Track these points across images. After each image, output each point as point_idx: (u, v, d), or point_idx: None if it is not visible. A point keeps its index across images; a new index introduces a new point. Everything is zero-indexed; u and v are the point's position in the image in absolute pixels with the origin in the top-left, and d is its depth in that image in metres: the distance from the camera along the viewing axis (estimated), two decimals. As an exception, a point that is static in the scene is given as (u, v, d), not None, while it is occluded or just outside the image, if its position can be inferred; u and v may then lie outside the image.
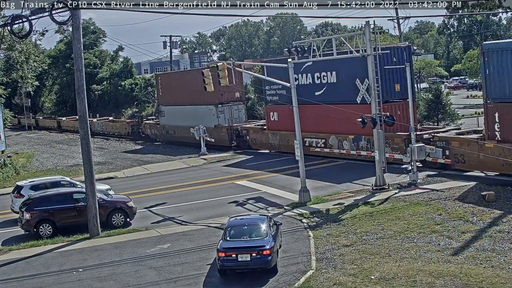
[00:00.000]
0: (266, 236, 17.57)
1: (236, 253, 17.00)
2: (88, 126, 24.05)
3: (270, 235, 17.63)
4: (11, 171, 41.21)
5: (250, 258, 16.91)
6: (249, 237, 17.68)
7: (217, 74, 28.46)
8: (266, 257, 16.89)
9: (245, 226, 18.23)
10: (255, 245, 17.18)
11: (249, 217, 20.21)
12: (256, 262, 16.91)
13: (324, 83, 35.29)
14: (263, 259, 16.88)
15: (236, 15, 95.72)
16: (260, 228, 17.97)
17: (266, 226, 18.00)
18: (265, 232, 17.73)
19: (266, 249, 16.97)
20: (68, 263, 20.22)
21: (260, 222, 18.42)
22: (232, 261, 17.05)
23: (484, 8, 41.14)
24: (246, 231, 17.96)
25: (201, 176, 35.70)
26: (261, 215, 20.52)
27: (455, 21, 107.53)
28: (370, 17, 63.55)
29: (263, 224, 18.12)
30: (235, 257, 16.99)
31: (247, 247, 17.13)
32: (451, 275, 16.00)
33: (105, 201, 24.98)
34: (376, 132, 26.52)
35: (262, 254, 16.90)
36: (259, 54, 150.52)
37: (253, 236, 17.69)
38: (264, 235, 17.60)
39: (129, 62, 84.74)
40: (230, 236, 17.82)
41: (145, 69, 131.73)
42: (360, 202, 24.94)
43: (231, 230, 18.03)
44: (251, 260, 16.91)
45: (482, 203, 22.62)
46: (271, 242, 17.29)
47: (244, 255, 16.94)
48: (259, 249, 16.98)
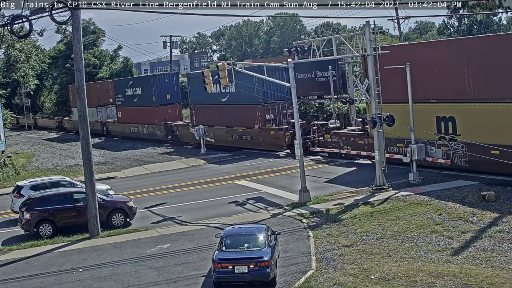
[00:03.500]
0: (265, 246, 16.73)
1: (233, 265, 16.15)
2: (88, 126, 24.05)
3: (268, 246, 16.81)
4: (11, 171, 41.23)
5: (247, 270, 16.08)
6: (246, 248, 16.79)
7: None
8: (264, 269, 16.09)
9: (242, 236, 17.35)
10: (253, 256, 16.32)
11: (246, 226, 19.40)
12: (254, 275, 16.06)
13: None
14: (261, 271, 16.08)
15: (236, 15, 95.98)
16: (258, 238, 17.07)
17: (264, 236, 17.11)
18: (264, 243, 16.87)
19: (265, 260, 16.14)
20: (68, 263, 20.22)
21: (258, 231, 17.49)
22: (228, 273, 16.17)
23: (484, 8, 41.08)
24: (244, 241, 17.06)
25: (201, 176, 35.73)
26: (259, 224, 19.64)
27: (455, 21, 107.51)
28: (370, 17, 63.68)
29: (261, 234, 17.22)
30: (231, 269, 16.15)
31: (245, 258, 16.27)
32: (451, 275, 16.00)
33: (105, 201, 24.98)
34: (376, 132, 26.54)
35: (260, 265, 16.08)
36: (259, 54, 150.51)
37: (251, 247, 16.81)
38: (263, 246, 16.76)
39: (129, 62, 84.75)
40: (226, 246, 16.91)
41: (145, 69, 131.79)
42: (360, 202, 24.95)
43: (227, 240, 17.13)
44: (249, 272, 16.07)
45: (482, 203, 22.61)
46: (269, 253, 16.47)
47: (241, 266, 16.10)
48: (257, 261, 16.14)
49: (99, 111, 62.43)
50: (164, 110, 50.98)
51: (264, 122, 40.22)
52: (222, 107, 44.01)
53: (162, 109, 50.89)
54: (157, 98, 50.79)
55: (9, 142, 58.52)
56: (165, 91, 51.24)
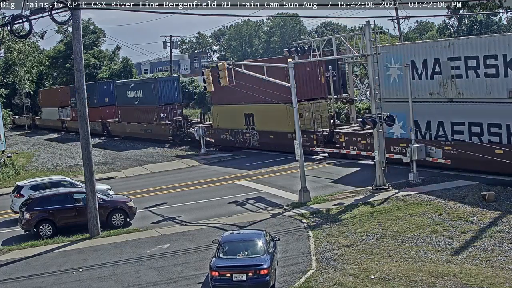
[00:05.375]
0: (264, 253, 16.27)
1: (231, 272, 15.72)
2: (88, 126, 24.05)
3: (267, 253, 16.37)
4: (11, 171, 41.24)
5: (246, 278, 15.64)
6: (245, 255, 16.34)
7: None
8: (263, 277, 15.64)
9: (240, 242, 16.87)
10: (251, 263, 15.85)
11: (245, 232, 19.16)
12: (253, 283, 15.66)
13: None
14: (260, 279, 15.63)
15: (236, 15, 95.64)
16: (257, 245, 16.60)
17: (263, 243, 16.67)
18: (263, 249, 16.41)
19: (264, 268, 15.70)
20: (68, 263, 20.22)
21: (257, 237, 17.01)
22: (226, 281, 15.77)
23: (484, 8, 41.07)
24: (242, 247, 16.59)
25: (201, 176, 35.73)
26: (258, 230, 18.92)
27: (456, 21, 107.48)
28: (370, 17, 63.67)
29: (260, 240, 16.76)
30: (229, 277, 15.71)
31: (243, 266, 15.85)
32: (451, 275, 16.00)
33: (105, 201, 24.98)
34: (376, 132, 26.54)
35: (259, 273, 15.63)
36: (259, 54, 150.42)
37: (250, 254, 16.34)
38: (262, 253, 16.30)
39: (129, 62, 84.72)
40: (224, 253, 16.46)
41: (145, 69, 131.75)
42: (360, 202, 24.95)
43: (225, 246, 16.65)
44: (247, 280, 15.65)
45: (482, 203, 22.61)
46: (269, 260, 16.04)
47: (240, 274, 15.67)
48: (256, 268, 15.69)
49: (61, 111, 74.54)
50: (103, 110, 63.16)
51: (159, 119, 52.21)
52: (135, 108, 56.38)
53: (101, 110, 63.15)
54: (97, 101, 63.02)
55: (9, 142, 58.55)
56: (104, 96, 63.67)
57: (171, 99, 53.11)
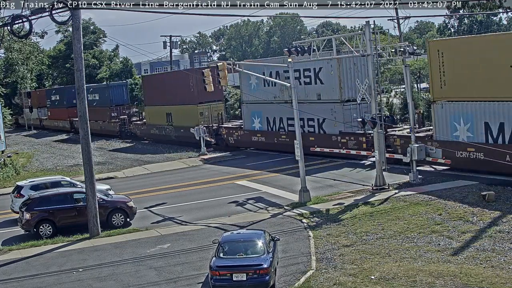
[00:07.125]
0: (264, 253, 16.31)
1: (231, 272, 15.77)
2: (88, 126, 24.05)
3: (267, 252, 16.41)
4: (11, 171, 41.22)
5: (246, 277, 15.67)
6: (245, 254, 16.38)
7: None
8: (263, 276, 15.67)
9: (240, 242, 16.90)
10: (251, 263, 15.88)
11: (245, 232, 19.13)
12: (253, 282, 15.68)
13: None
14: (260, 279, 15.66)
15: (236, 15, 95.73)
16: (257, 245, 16.65)
17: (263, 242, 16.71)
18: (263, 249, 16.45)
19: (264, 268, 15.73)
20: (68, 263, 20.22)
21: (256, 237, 17.06)
22: (226, 281, 15.79)
23: (484, 8, 41.09)
24: (242, 247, 16.63)
25: (201, 176, 35.74)
26: (258, 230, 19.03)
27: (456, 21, 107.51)
28: (370, 17, 63.57)
29: (260, 240, 16.81)
30: (229, 277, 15.75)
31: (243, 266, 15.87)
32: (451, 275, 16.01)
33: (105, 201, 24.98)
34: (376, 133, 26.55)
35: (259, 273, 15.67)
36: (259, 54, 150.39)
37: (249, 253, 16.39)
38: (261, 252, 16.34)
39: (129, 62, 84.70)
40: (224, 252, 16.50)
41: (145, 69, 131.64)
42: (360, 202, 24.95)
43: (225, 246, 16.70)
44: (247, 279, 15.68)
45: (482, 203, 22.62)
46: (269, 260, 16.07)
47: (240, 274, 15.71)
48: (256, 268, 15.73)
49: (39, 111, 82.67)
50: (71, 111, 66.84)
51: (111, 118, 61.46)
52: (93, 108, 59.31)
53: (70, 110, 68.45)
54: (67, 102, 69.96)
55: (9, 142, 58.54)
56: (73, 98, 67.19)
57: (121, 101, 62.82)
